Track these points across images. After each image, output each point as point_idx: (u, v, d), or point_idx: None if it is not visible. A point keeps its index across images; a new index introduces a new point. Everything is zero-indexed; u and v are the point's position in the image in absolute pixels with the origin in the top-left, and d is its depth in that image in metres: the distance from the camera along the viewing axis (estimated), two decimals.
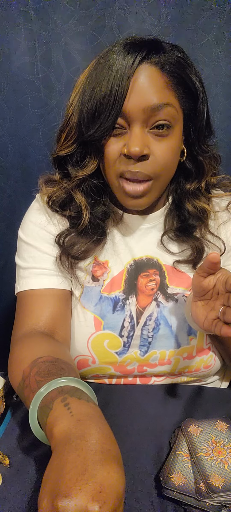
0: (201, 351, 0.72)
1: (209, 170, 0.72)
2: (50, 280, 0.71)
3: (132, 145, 0.59)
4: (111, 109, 0.59)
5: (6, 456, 0.56)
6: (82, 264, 0.73)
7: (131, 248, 0.74)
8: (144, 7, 0.92)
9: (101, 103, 0.59)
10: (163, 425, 0.62)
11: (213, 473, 0.51)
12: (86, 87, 0.62)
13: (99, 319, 0.71)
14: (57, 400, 0.46)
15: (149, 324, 0.71)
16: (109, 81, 0.59)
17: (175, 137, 0.63)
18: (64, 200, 0.71)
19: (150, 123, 0.61)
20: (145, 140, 0.61)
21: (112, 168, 0.64)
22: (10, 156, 1.05)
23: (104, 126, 0.60)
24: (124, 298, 0.72)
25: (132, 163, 0.61)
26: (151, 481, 0.52)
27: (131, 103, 0.59)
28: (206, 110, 0.66)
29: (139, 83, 0.59)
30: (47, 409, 0.46)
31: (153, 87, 0.59)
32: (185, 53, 0.64)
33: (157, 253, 0.74)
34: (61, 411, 0.45)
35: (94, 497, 0.34)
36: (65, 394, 0.47)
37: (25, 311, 0.70)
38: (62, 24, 0.93)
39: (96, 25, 0.93)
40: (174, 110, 0.61)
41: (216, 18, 0.92)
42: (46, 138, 1.03)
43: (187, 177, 0.72)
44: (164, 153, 0.62)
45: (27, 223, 0.74)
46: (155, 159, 0.62)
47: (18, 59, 0.96)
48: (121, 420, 0.63)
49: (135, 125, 0.60)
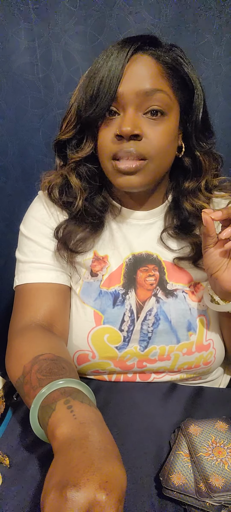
0: (200, 347, 0.72)
1: (208, 169, 0.72)
2: (49, 274, 0.72)
3: (123, 125, 0.62)
4: (106, 92, 0.63)
5: (6, 456, 0.56)
6: (81, 259, 0.74)
7: (130, 242, 0.75)
8: (144, 7, 0.92)
9: (98, 87, 0.64)
10: (163, 425, 0.62)
11: (213, 473, 0.51)
12: (87, 77, 0.67)
13: (100, 313, 0.71)
14: (60, 402, 0.47)
15: (148, 319, 0.71)
16: (106, 68, 0.63)
17: (169, 124, 0.65)
18: (62, 186, 0.73)
19: (143, 107, 0.63)
20: (137, 122, 0.63)
21: (105, 150, 0.66)
22: (10, 156, 1.05)
23: (99, 107, 0.64)
24: (123, 293, 0.72)
25: (124, 143, 0.63)
26: (151, 481, 0.52)
27: (125, 87, 0.62)
28: (203, 106, 0.68)
29: (133, 69, 0.63)
30: (50, 409, 0.47)
31: (147, 73, 0.63)
32: (184, 53, 0.67)
33: (157, 249, 0.75)
34: (64, 413, 0.45)
35: (102, 486, 0.36)
36: (68, 396, 0.48)
37: (23, 305, 0.71)
38: (62, 24, 0.93)
39: (96, 25, 0.93)
40: (167, 97, 0.64)
41: (216, 18, 0.92)
42: (46, 138, 1.03)
43: (186, 175, 0.73)
44: (158, 136, 0.64)
45: (29, 218, 0.76)
46: (148, 141, 0.64)
47: (18, 59, 0.96)
48: (121, 420, 0.63)
49: (128, 108, 0.63)
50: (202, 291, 0.74)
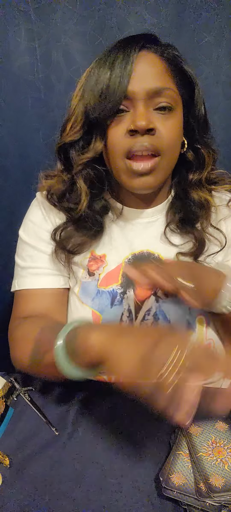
0: None
1: (209, 162, 0.73)
2: (45, 279, 0.73)
3: (138, 119, 0.62)
4: (117, 91, 0.63)
5: (6, 456, 0.56)
6: (77, 259, 0.74)
7: (131, 241, 0.75)
8: (144, 7, 0.92)
9: (108, 85, 0.63)
10: (163, 425, 0.62)
11: (213, 473, 0.51)
12: (91, 75, 0.66)
13: (98, 313, 0.71)
14: (81, 328, 0.51)
15: (147, 319, 0.71)
16: (113, 66, 0.63)
17: (177, 119, 0.67)
18: (63, 191, 0.73)
19: (153, 103, 0.64)
20: (150, 116, 0.64)
21: (118, 147, 0.65)
22: (10, 156, 1.05)
23: (110, 105, 0.63)
24: (121, 292, 0.72)
25: (139, 138, 0.63)
26: (151, 481, 0.52)
27: (135, 84, 0.63)
28: (203, 102, 0.70)
29: (141, 67, 0.63)
30: (74, 337, 0.50)
31: (155, 71, 0.64)
32: (179, 52, 0.68)
33: (158, 248, 0.74)
34: (90, 327, 0.50)
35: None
36: (84, 324, 0.52)
37: (21, 309, 0.73)
38: (62, 24, 0.93)
39: (96, 25, 0.93)
40: (173, 93, 0.65)
41: (216, 18, 0.92)
42: (46, 138, 1.03)
43: (188, 169, 0.74)
44: (169, 130, 0.65)
45: (27, 222, 0.76)
46: (161, 135, 0.65)
47: (18, 59, 0.96)
48: (121, 420, 0.63)
49: (139, 104, 0.63)
50: None
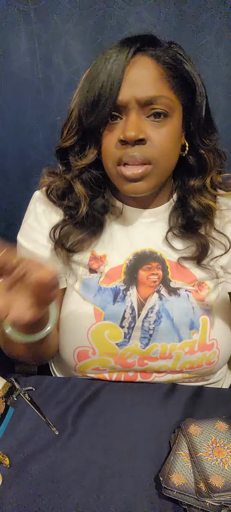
0: (203, 347, 0.72)
1: (213, 166, 0.72)
2: None
3: (127, 130, 0.61)
4: (107, 98, 0.62)
5: (6, 456, 0.56)
6: (77, 258, 0.74)
7: (133, 240, 0.74)
8: (144, 7, 0.92)
9: (99, 93, 0.62)
10: (163, 425, 0.62)
11: (213, 473, 0.51)
12: (86, 81, 0.66)
13: (100, 310, 0.71)
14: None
15: (150, 316, 0.71)
16: (105, 73, 0.62)
17: (173, 126, 0.65)
18: (63, 190, 0.73)
19: (146, 111, 0.63)
20: (141, 126, 0.62)
21: (110, 155, 0.66)
22: (10, 156, 1.05)
23: (101, 114, 0.63)
24: (124, 289, 0.72)
25: (129, 148, 0.63)
26: (151, 481, 0.52)
27: (126, 93, 0.61)
28: (205, 104, 0.68)
29: (133, 73, 0.62)
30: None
31: (147, 78, 0.62)
32: (182, 49, 0.67)
33: (161, 248, 0.74)
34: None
35: None
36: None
37: None
38: (62, 24, 0.93)
39: (96, 25, 0.93)
40: (168, 100, 0.63)
41: (216, 18, 0.92)
42: (46, 138, 1.03)
43: (190, 173, 0.73)
44: (162, 139, 0.64)
45: (24, 226, 0.77)
46: (152, 144, 0.63)
47: (18, 59, 0.96)
48: (121, 420, 0.63)
49: (131, 113, 0.62)
50: (206, 290, 0.74)
